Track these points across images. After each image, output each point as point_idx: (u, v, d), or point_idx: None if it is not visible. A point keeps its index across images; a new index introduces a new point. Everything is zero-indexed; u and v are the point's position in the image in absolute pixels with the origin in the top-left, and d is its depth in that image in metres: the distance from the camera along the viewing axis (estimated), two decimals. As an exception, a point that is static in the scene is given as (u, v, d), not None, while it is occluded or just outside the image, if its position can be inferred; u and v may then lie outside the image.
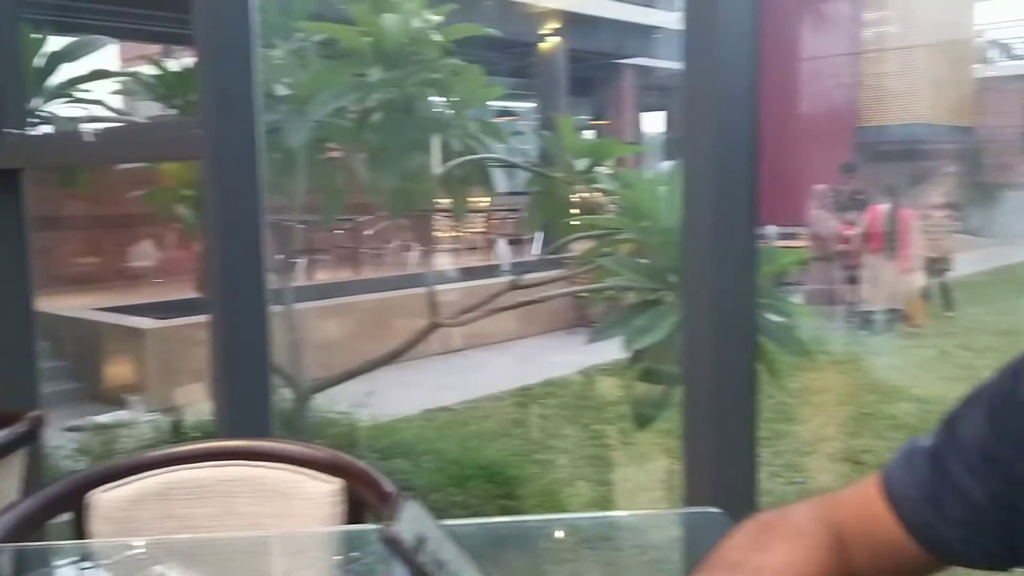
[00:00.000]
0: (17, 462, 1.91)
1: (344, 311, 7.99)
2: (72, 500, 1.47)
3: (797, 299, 7.79)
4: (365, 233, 10.43)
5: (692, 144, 1.39)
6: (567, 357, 7.16)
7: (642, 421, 2.96)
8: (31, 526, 1.41)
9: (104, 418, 5.63)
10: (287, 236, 4.26)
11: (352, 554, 1.48)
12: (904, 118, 14.77)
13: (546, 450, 5.30)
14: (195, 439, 3.89)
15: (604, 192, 3.67)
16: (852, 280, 9.26)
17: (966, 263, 10.04)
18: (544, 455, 5.18)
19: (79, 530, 1.45)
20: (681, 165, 1.47)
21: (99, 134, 2.44)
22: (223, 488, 1.57)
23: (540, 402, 6.44)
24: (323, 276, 9.74)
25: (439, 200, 4.41)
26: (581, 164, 3.65)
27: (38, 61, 3.54)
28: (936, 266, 9.88)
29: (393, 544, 0.58)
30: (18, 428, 1.89)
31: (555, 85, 12.78)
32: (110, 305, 7.78)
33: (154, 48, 12.51)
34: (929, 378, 6.95)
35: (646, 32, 15.18)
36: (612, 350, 2.99)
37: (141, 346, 6.61)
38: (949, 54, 14.94)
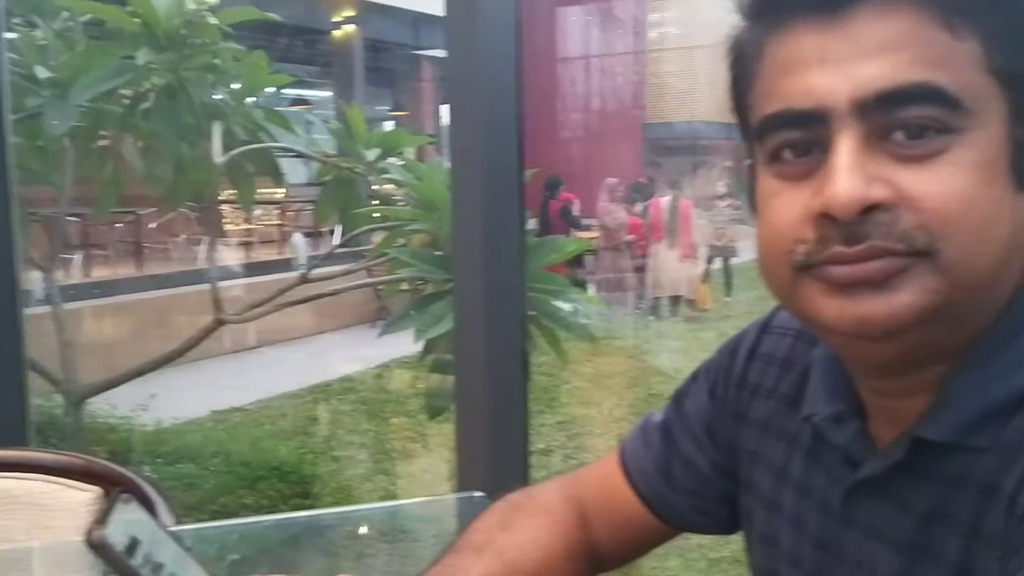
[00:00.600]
0: None
1: (125, 309, 7.54)
2: None
3: (589, 288, 8.10)
4: (150, 226, 9.86)
5: (459, 133, 1.40)
6: (368, 351, 7.09)
7: (434, 412, 2.98)
8: None
9: None
10: (56, 230, 3.95)
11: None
12: (686, 115, 15.66)
13: (344, 446, 5.23)
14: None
15: (396, 183, 3.65)
16: (640, 268, 9.72)
17: (743, 251, 10.77)
18: (342, 451, 5.10)
19: None
20: (452, 155, 1.48)
21: None
22: (-34, 503, 1.45)
23: (339, 398, 6.35)
24: (103, 272, 9.13)
25: (226, 191, 4.22)
26: (372, 155, 3.61)
27: None
28: (722, 253, 10.56)
29: (99, 549, 0.54)
30: None
31: (352, 74, 12.59)
32: None
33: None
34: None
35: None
36: (413, 342, 2.98)
37: None
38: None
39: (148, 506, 1.42)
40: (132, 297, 7.92)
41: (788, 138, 0.59)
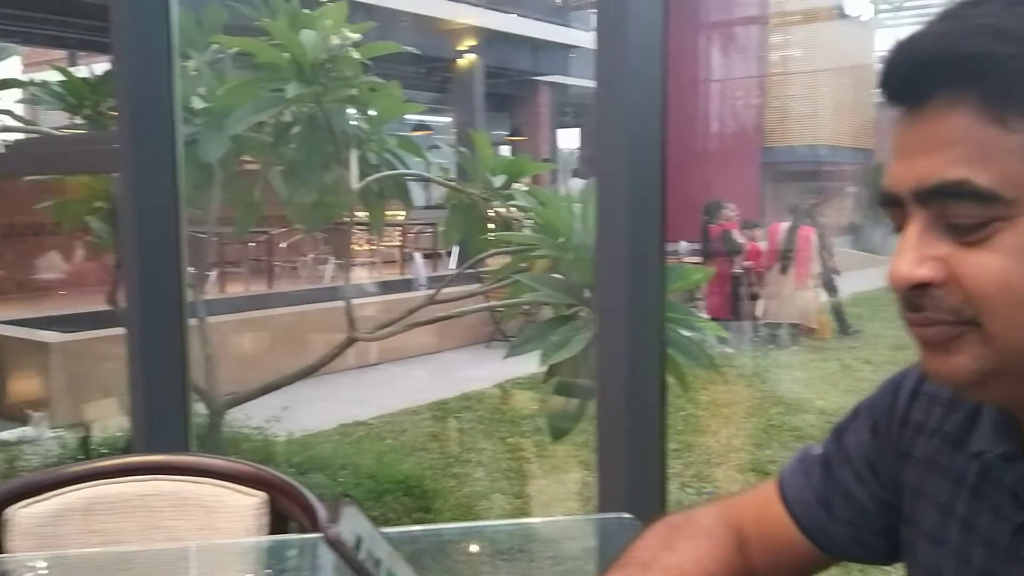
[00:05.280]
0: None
1: (259, 324, 7.88)
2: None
3: (704, 314, 8.00)
4: (280, 245, 10.30)
5: (604, 161, 1.46)
6: (483, 371, 7.23)
7: (558, 434, 3.03)
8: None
9: (6, 435, 5.44)
10: (200, 248, 4.20)
11: (266, 571, 1.50)
12: (807, 139, 15.36)
13: (463, 463, 5.34)
14: (103, 456, 3.80)
15: (520, 209, 3.73)
16: (756, 296, 9.55)
17: (867, 279, 10.43)
18: (461, 468, 5.21)
19: (-4, 546, 1.44)
20: (595, 181, 1.55)
21: (11, 146, 2.39)
22: (145, 503, 1.58)
23: (457, 416, 6.48)
24: (236, 289, 9.57)
25: (355, 213, 4.42)
26: (498, 181, 3.71)
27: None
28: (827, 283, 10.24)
29: (336, 544, 0.63)
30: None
31: (472, 101, 12.86)
32: (14, 318, 7.51)
33: (58, 53, 12.16)
34: (831, 391, 7.23)
35: (562, 50, 15.44)
36: (527, 364, 3.05)
37: (46, 360, 6.40)
38: (850, 79, 15.57)
39: (310, 512, 1.52)
40: (265, 313, 8.27)
41: (888, 211, 0.68)
